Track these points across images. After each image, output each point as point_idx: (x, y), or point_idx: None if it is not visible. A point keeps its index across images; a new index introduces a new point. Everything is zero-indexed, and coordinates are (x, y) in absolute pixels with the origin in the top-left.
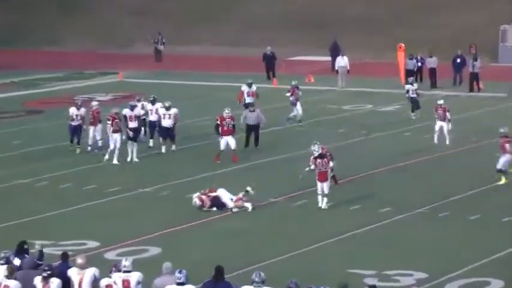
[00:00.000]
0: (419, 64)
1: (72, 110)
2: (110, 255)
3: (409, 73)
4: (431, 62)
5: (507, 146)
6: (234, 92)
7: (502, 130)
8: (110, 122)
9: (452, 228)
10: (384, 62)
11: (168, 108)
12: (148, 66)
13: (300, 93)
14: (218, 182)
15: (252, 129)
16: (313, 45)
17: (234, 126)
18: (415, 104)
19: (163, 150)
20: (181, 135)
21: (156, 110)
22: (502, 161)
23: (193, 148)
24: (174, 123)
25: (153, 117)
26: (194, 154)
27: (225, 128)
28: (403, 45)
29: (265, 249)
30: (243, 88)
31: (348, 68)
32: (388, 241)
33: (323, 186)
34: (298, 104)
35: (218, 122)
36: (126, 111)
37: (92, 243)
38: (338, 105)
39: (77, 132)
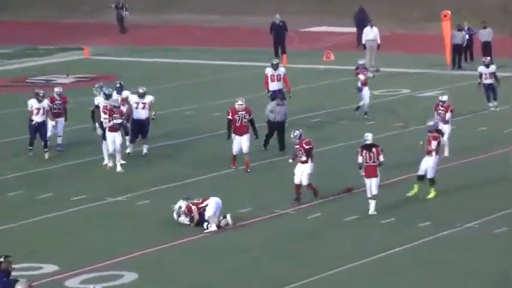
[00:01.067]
0: (468, 37)
1: (32, 103)
2: (72, 283)
3: (456, 48)
4: (485, 34)
5: (433, 143)
6: (229, 73)
7: (429, 123)
8: (106, 117)
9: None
10: (424, 35)
11: (142, 96)
12: (122, 39)
13: (371, 74)
14: (211, 189)
15: (277, 128)
16: (333, 13)
17: (251, 121)
18: (491, 92)
19: (129, 150)
20: (162, 129)
21: (127, 98)
22: (423, 166)
23: (178, 146)
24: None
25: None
26: (179, 153)
27: (238, 124)
28: (449, 12)
29: (269, 275)
30: (267, 71)
31: (379, 41)
32: (429, 264)
33: (371, 184)
34: (366, 89)
35: (230, 117)
36: (99, 101)
37: (49, 267)
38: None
39: (41, 131)
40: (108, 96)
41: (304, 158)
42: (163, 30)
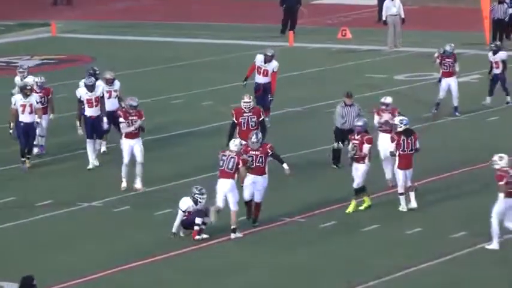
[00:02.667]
0: None
1: (17, 99)
2: None
3: (497, 24)
4: None
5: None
6: (226, 53)
7: (358, 123)
8: (123, 121)
9: None
10: (457, 8)
11: (110, 82)
12: (97, 14)
13: (457, 68)
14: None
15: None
16: None
17: (262, 124)
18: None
19: (104, 148)
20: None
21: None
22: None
23: (162, 142)
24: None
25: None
26: (163, 151)
27: (244, 129)
28: None
29: None
30: (256, 59)
31: (403, 15)
32: (461, 284)
33: (406, 176)
34: (453, 80)
35: (234, 120)
36: (81, 93)
37: (9, 287)
38: (387, 73)
39: (29, 134)
40: (91, 88)
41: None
42: (147, 3)
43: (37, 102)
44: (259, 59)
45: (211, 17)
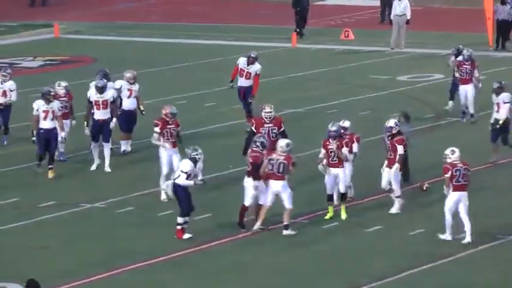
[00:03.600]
0: None
1: (39, 105)
2: None
3: (501, 26)
4: None
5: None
6: (228, 54)
7: (332, 128)
8: (158, 130)
9: None
10: (460, 9)
11: (132, 81)
12: (100, 15)
13: (477, 74)
14: (206, 194)
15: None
16: None
17: (284, 133)
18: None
19: (125, 147)
20: (145, 122)
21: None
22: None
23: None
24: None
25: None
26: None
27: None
28: None
29: None
30: (239, 62)
31: (408, 17)
32: (464, 285)
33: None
34: (470, 87)
35: (254, 129)
36: (91, 93)
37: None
38: (390, 74)
39: (51, 141)
40: (101, 90)
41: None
42: (146, 4)
43: (59, 110)
44: (242, 61)
45: (214, 18)
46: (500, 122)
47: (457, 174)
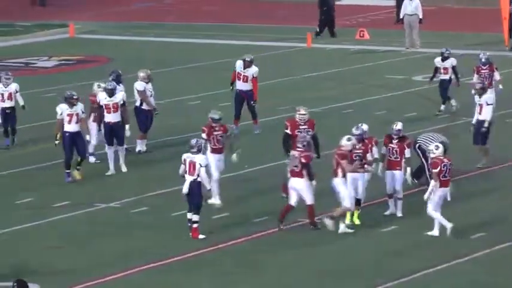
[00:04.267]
0: None
1: (63, 108)
2: None
3: None
4: None
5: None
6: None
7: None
8: (204, 136)
9: None
10: (475, 8)
11: (147, 81)
12: (115, 15)
13: (498, 76)
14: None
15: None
16: None
17: (314, 138)
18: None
19: (140, 147)
20: (160, 122)
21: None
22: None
23: (179, 143)
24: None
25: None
26: (182, 151)
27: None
28: None
29: None
30: (236, 66)
31: (421, 16)
32: (480, 285)
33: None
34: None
35: (289, 132)
36: (101, 97)
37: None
38: (406, 74)
39: (78, 144)
40: (111, 92)
41: None
42: (163, 4)
43: (82, 112)
44: (238, 65)
45: (230, 18)
46: (486, 125)
47: (444, 170)
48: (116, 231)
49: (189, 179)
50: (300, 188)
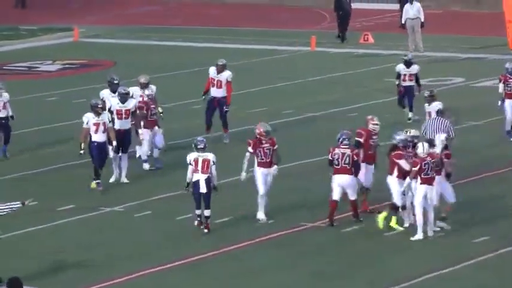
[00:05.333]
0: None
1: (89, 117)
2: None
3: None
4: None
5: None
6: (247, 59)
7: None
8: (251, 150)
9: None
10: (479, 12)
11: (145, 86)
12: (120, 18)
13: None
14: (222, 197)
15: None
16: None
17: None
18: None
19: (140, 152)
20: (165, 125)
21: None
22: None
23: (182, 146)
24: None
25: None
26: (184, 155)
27: (371, 152)
28: None
29: None
30: (210, 71)
31: (422, 19)
32: None
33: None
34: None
35: (362, 140)
36: (113, 103)
37: None
38: None
39: (102, 154)
40: (124, 98)
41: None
42: (167, 8)
43: (109, 121)
44: (212, 70)
45: (233, 21)
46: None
47: (425, 168)
48: (120, 235)
49: (202, 177)
50: (347, 184)
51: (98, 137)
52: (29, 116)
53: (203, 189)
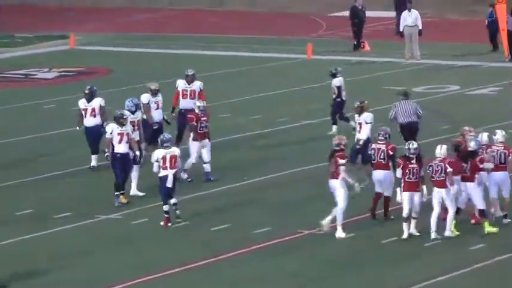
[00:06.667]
0: None
1: (113, 128)
2: None
3: (510, 36)
4: None
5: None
6: (243, 66)
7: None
8: (343, 162)
9: None
10: (474, 21)
11: (155, 93)
12: (116, 26)
13: None
14: (220, 204)
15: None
16: None
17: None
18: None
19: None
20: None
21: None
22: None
23: (182, 153)
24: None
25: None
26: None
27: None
28: None
29: None
30: (179, 85)
31: (420, 27)
32: None
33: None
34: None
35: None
36: (129, 114)
37: None
38: (406, 85)
39: (126, 166)
40: (135, 108)
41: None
42: (163, 15)
43: (132, 132)
44: (181, 83)
45: (231, 29)
46: (361, 143)
47: (407, 172)
48: (117, 242)
49: (170, 172)
50: (382, 179)
51: (121, 148)
52: (26, 124)
53: (170, 183)
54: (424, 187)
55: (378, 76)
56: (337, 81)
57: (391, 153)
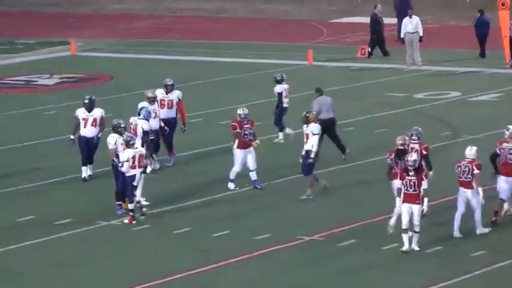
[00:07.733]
0: None
1: (117, 138)
2: None
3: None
4: None
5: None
6: (243, 73)
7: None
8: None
9: None
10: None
11: (152, 101)
12: (117, 32)
13: None
14: (220, 211)
15: (326, 129)
16: (367, 1)
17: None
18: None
19: (156, 165)
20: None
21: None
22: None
23: (181, 161)
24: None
25: None
26: (182, 169)
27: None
28: (508, 1)
29: None
30: (157, 93)
31: (421, 33)
32: None
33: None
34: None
35: (498, 151)
36: (144, 124)
37: None
38: (407, 92)
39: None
40: (149, 116)
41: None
42: (164, 22)
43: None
44: (159, 92)
45: (232, 35)
46: (312, 155)
47: (405, 184)
48: (118, 248)
49: (139, 171)
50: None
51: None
52: (27, 130)
53: (137, 182)
54: (426, 200)
55: (379, 82)
56: (279, 87)
57: (424, 152)
